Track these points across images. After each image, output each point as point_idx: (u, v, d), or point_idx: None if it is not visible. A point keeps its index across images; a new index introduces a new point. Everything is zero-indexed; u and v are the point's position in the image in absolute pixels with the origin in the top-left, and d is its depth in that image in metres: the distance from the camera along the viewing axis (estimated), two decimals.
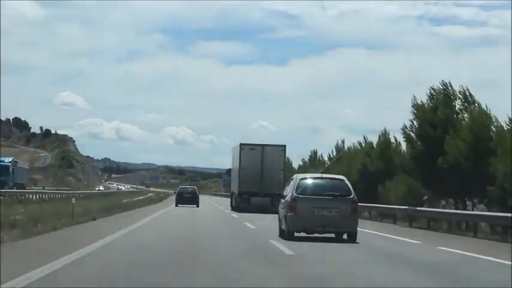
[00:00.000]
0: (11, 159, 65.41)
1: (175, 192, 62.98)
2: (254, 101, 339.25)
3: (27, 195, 47.65)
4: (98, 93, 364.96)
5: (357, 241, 18.44)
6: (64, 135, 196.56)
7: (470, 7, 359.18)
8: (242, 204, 42.70)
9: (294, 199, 18.68)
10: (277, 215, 21.14)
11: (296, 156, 66.65)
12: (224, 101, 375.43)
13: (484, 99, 33.91)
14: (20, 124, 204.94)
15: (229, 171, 52.57)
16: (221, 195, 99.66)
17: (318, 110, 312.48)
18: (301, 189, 18.86)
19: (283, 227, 19.69)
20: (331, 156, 49.84)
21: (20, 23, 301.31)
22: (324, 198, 18.65)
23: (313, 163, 56.16)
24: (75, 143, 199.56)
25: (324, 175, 19.89)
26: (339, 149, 49.51)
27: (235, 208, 45.11)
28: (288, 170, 43.85)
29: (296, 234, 18.80)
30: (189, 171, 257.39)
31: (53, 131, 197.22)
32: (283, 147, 43.40)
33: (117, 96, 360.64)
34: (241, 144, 43.28)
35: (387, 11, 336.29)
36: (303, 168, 55.44)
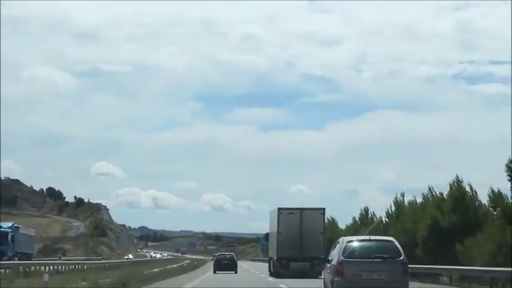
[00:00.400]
0: (10, 225, 56.83)
1: (212, 259, 62.57)
2: (291, 165, 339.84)
3: (38, 267, 41.26)
4: (135, 163, 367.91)
5: None
6: (98, 203, 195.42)
7: (505, 64, 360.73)
8: (281, 269, 42.05)
9: (340, 263, 18.20)
10: (317, 280, 20.62)
11: (340, 217, 65.14)
12: (261, 167, 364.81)
13: None
14: (54, 194, 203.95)
15: (267, 235, 51.96)
16: (259, 260, 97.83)
17: (355, 172, 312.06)
18: (348, 252, 18.39)
19: None
20: (390, 211, 47.83)
21: (52, 94, 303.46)
22: (373, 261, 18.16)
23: (364, 222, 54.57)
24: (109, 211, 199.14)
25: (372, 237, 19.41)
26: (398, 203, 47.36)
27: (273, 274, 44.45)
28: (333, 232, 43.11)
29: None
30: (226, 237, 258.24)
31: (86, 200, 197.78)
32: (322, 210, 42.86)
33: (153, 165, 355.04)
34: (279, 209, 42.84)
35: (422, 71, 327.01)
36: (354, 228, 53.87)
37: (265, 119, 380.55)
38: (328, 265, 19.69)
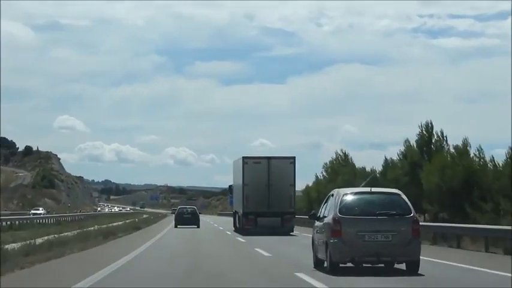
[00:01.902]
0: None
1: (172, 213, 62.39)
2: (253, 119, 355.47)
3: None
4: (97, 116, 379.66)
5: (420, 272, 15.16)
6: (47, 152, 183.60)
7: (465, 18, 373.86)
8: (248, 225, 39.25)
9: (337, 221, 15.36)
10: (289, 237, 17.79)
11: (305, 171, 65.71)
12: (223, 120, 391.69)
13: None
14: (5, 144, 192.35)
15: (230, 188, 48.87)
16: (227, 215, 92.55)
17: (317, 126, 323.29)
18: (345, 207, 15.57)
19: (321, 256, 16.41)
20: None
21: (11, 48, 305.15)
22: (377, 218, 15.35)
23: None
24: (61, 161, 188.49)
25: (374, 189, 16.54)
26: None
27: (239, 230, 41.74)
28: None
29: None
30: (190, 190, 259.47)
31: (35, 148, 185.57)
32: (292, 159, 39.91)
33: (115, 119, 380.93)
34: (244, 158, 39.84)
35: (382, 25, 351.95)
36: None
37: (226, 73, 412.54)
38: (319, 223, 16.90)
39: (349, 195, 15.95)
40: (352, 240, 15.16)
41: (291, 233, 38.79)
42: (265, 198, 38.92)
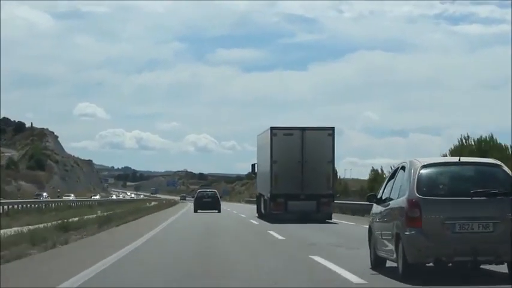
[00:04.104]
0: None
1: (182, 199, 62.44)
2: (274, 106, 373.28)
3: None
4: (118, 104, 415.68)
5: None
6: (42, 128, 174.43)
7: (487, 5, 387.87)
8: (276, 210, 35.75)
9: (415, 204, 11.72)
10: (326, 225, 14.39)
11: None
12: (244, 107, 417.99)
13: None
14: (11, 124, 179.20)
15: (253, 168, 45.31)
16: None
17: (338, 113, 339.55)
18: (427, 184, 11.94)
19: (385, 253, 12.94)
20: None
21: (32, 35, 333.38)
22: (472, 200, 11.69)
23: None
24: (59, 139, 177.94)
25: (464, 159, 12.84)
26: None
27: (265, 216, 38.32)
28: None
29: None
30: (211, 176, 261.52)
31: (28, 125, 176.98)
32: (330, 130, 36.24)
33: (137, 106, 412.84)
34: (272, 129, 36.18)
35: (404, 11, 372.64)
36: None
37: (247, 60, 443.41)
38: (381, 208, 13.35)
39: (430, 167, 12.26)
40: (437, 232, 11.52)
41: (328, 220, 35.35)
42: (298, 178, 35.40)
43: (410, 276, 11.63)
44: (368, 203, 15.74)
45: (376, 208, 13.90)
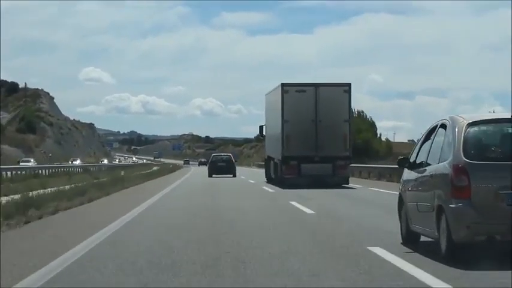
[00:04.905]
0: None
1: (186, 163, 60.19)
2: (280, 69, 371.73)
3: None
4: (123, 68, 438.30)
5: None
6: (36, 89, 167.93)
7: None
8: (288, 174, 34.04)
9: (462, 170, 9.90)
10: (343, 190, 12.64)
11: None
12: (250, 71, 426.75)
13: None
14: (10, 87, 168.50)
15: (261, 130, 43.69)
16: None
17: (344, 76, 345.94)
18: (475, 146, 10.14)
19: (421, 228, 11.25)
20: None
21: (37, 1, 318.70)
22: None
23: None
24: (55, 100, 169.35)
25: None
26: None
27: (276, 181, 36.67)
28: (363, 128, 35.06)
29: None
30: (217, 139, 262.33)
31: (22, 85, 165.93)
32: (346, 86, 34.39)
33: (142, 70, 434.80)
34: (283, 85, 34.36)
35: None
36: None
37: (253, 23, 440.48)
38: (416, 174, 11.59)
39: (478, 125, 10.41)
40: (490, 204, 9.73)
41: (345, 185, 33.67)
42: (312, 139, 33.71)
43: (456, 257, 9.86)
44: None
45: (409, 174, 12.12)
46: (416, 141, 14.65)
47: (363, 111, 76.75)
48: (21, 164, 68.26)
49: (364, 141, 69.44)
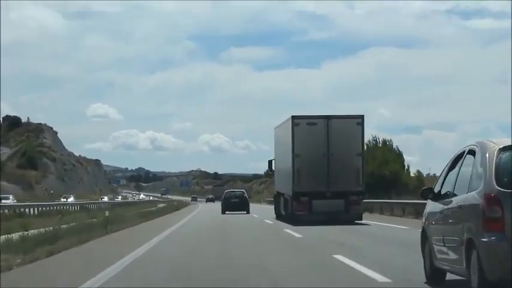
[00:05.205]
0: None
1: (193, 200, 58.24)
2: (288, 104, 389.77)
3: None
4: (131, 104, 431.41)
5: None
6: (39, 124, 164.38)
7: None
8: (299, 211, 33.12)
9: (495, 199, 9.05)
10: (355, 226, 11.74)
11: None
12: (258, 106, 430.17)
13: None
14: (13, 122, 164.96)
15: (270, 164, 43.00)
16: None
17: (352, 110, 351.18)
18: (508, 174, 9.27)
19: (447, 265, 10.42)
20: None
21: (43, 36, 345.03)
22: None
23: None
24: (58, 135, 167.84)
25: None
26: None
27: (285, 217, 35.85)
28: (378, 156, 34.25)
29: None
30: (226, 175, 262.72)
31: (24, 120, 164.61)
32: (359, 119, 33.58)
33: (149, 106, 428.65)
34: (294, 118, 33.57)
35: (415, 7, 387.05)
36: None
37: (260, 58, 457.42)
38: (441, 206, 10.73)
39: (510, 150, 9.62)
40: None
41: (358, 221, 32.77)
42: (324, 173, 32.84)
43: None
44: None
45: (434, 206, 11.26)
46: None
47: (390, 140, 70.52)
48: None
49: (392, 173, 64.83)
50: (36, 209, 51.87)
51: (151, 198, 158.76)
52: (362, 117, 33.55)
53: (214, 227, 32.96)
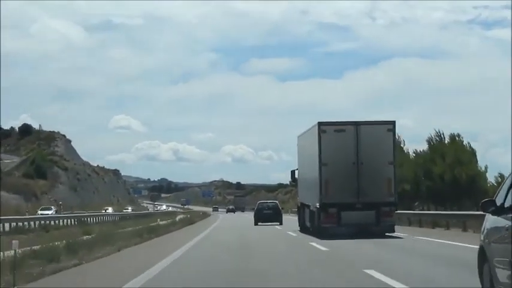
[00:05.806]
0: None
1: (214, 210, 57.88)
2: (310, 115, 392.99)
3: None
4: (153, 116, 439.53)
5: None
6: (51, 132, 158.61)
7: None
8: (327, 223, 31.70)
9: None
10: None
11: None
12: (280, 117, 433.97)
13: None
14: (28, 131, 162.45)
15: (293, 174, 41.85)
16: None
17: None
18: None
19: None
20: None
21: (65, 48, 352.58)
22: None
23: None
24: (72, 143, 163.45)
25: None
26: None
27: (311, 230, 34.52)
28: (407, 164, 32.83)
29: None
30: (248, 185, 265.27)
31: (36, 128, 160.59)
32: (391, 125, 32.17)
33: (172, 118, 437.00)
34: (320, 124, 32.18)
35: (436, 18, 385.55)
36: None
37: (282, 69, 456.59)
38: (507, 222, 9.32)
39: None
40: None
41: (389, 233, 31.37)
42: (353, 183, 31.45)
43: None
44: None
45: (496, 221, 9.88)
46: None
47: (459, 135, 60.06)
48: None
49: (468, 177, 55.74)
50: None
51: (170, 208, 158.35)
52: (393, 123, 32.15)
53: (235, 242, 30.93)
